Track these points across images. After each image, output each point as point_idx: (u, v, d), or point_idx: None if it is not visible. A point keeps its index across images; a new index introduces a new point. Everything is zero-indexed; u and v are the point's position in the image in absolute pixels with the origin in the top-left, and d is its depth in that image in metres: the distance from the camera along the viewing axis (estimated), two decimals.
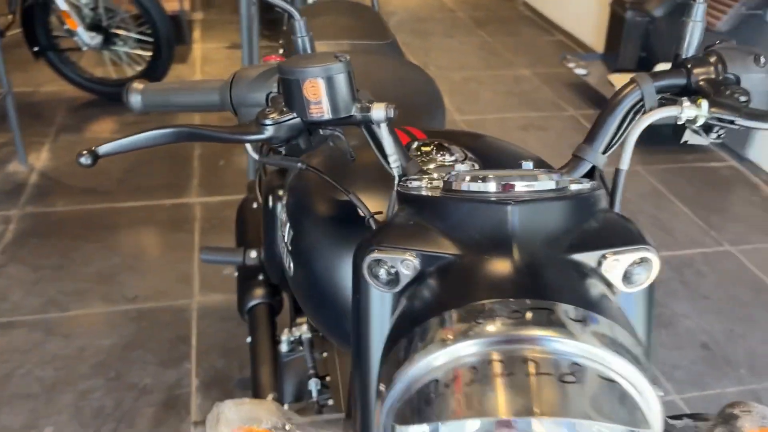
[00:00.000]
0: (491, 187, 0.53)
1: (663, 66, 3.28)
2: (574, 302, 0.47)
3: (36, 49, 3.35)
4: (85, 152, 0.71)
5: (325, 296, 0.76)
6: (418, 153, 0.82)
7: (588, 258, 0.55)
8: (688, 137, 0.68)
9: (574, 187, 0.57)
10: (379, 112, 0.65)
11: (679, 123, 0.64)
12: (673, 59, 0.70)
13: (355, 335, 0.62)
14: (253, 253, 1.71)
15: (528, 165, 0.63)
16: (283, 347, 1.27)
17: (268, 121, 0.66)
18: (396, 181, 0.68)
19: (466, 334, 0.45)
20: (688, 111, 0.63)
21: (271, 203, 1.31)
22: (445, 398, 0.43)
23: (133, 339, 2.05)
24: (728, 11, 3.01)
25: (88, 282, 2.26)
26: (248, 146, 0.76)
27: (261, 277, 1.75)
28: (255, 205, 2.00)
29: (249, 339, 1.66)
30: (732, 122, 0.63)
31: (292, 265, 0.82)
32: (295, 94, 0.65)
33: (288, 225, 0.83)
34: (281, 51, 1.55)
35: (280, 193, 0.95)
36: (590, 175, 0.67)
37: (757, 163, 3.15)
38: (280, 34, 1.67)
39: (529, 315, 0.45)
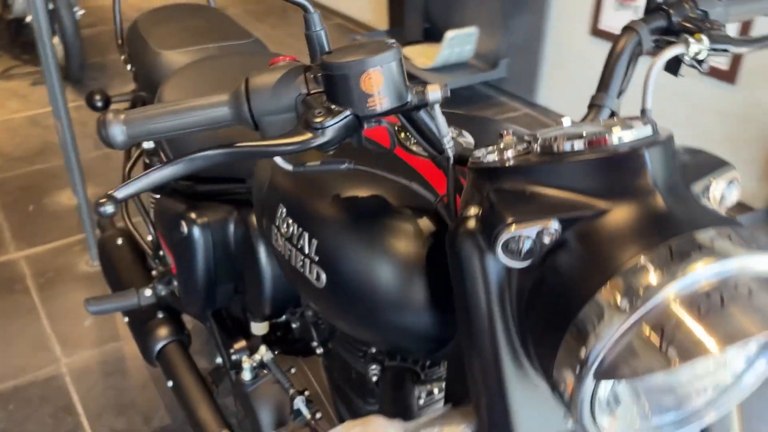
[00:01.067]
0: (613, 138, 0.55)
1: (453, 32, 3.51)
2: (729, 224, 0.51)
3: None
4: (103, 200, 0.60)
5: (373, 293, 0.73)
6: (399, 135, 0.80)
7: (698, 186, 0.60)
8: (683, 71, 0.76)
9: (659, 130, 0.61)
10: (435, 93, 0.63)
11: (686, 57, 0.72)
12: (647, 5, 0.77)
13: (472, 319, 0.61)
14: (148, 292, 1.55)
15: (566, 121, 0.66)
16: (246, 375, 1.17)
17: (328, 123, 0.60)
18: (451, 162, 0.67)
19: (672, 273, 0.47)
20: (693, 46, 0.70)
21: (203, 233, 1.21)
22: (689, 333, 0.45)
23: (5, 428, 1.75)
24: None
25: None
26: (279, 158, 0.69)
27: (161, 315, 1.60)
28: (120, 242, 1.81)
29: (170, 383, 1.51)
30: (726, 51, 0.72)
31: (322, 274, 0.76)
32: (349, 89, 0.61)
33: (305, 236, 0.78)
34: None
35: (265, 209, 0.87)
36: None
37: (546, 107, 3.53)
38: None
39: (722, 243, 0.48)
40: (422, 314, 0.74)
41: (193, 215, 1.24)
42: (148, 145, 1.48)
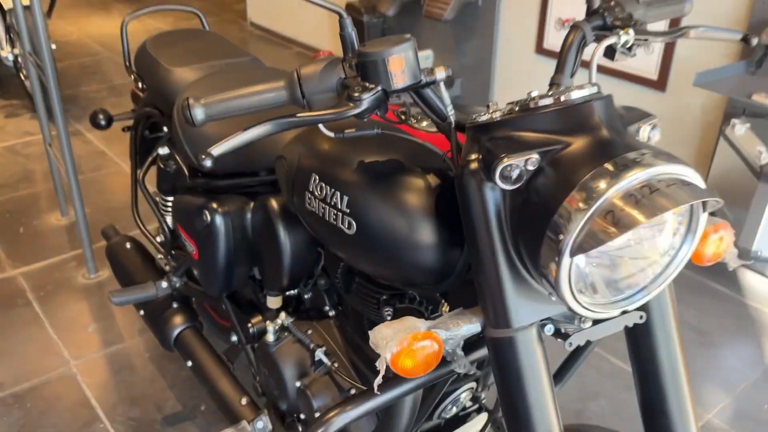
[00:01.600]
0: (571, 96, 0.79)
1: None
2: (651, 149, 0.75)
3: None
4: (204, 156, 0.81)
5: (395, 234, 0.94)
6: (403, 115, 1.03)
7: (632, 128, 0.83)
8: (618, 57, 1.01)
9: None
10: (441, 73, 0.86)
11: (618, 46, 0.97)
12: (587, 9, 1.02)
13: (477, 236, 0.83)
14: (164, 284, 1.74)
15: (534, 92, 0.89)
16: (270, 338, 1.36)
17: (364, 96, 0.83)
18: (453, 125, 0.90)
19: (614, 180, 0.70)
20: (623, 37, 0.95)
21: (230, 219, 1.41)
22: (627, 213, 0.68)
23: (26, 423, 1.88)
24: (450, 3, 3.60)
25: None
26: (323, 126, 0.91)
27: (175, 305, 1.77)
28: (128, 246, 1.98)
29: (189, 363, 1.69)
30: (646, 40, 0.97)
31: (353, 223, 0.97)
32: (378, 71, 0.83)
33: (337, 194, 0.99)
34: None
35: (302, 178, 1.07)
36: None
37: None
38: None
39: (646, 158, 0.72)
40: (432, 250, 0.96)
41: (214, 205, 1.44)
42: (163, 150, 1.67)
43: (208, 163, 0.80)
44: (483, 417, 1.37)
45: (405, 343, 0.83)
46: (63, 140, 2.32)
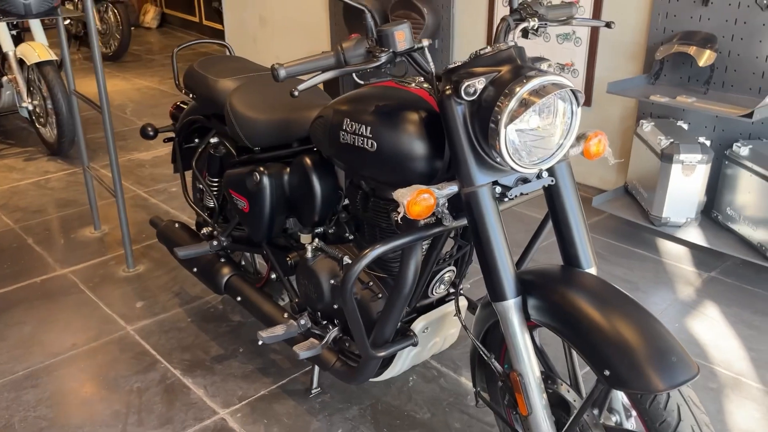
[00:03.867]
0: (500, 47, 1.39)
1: None
2: (546, 71, 1.36)
3: None
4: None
5: (401, 148, 1.52)
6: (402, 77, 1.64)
7: (537, 63, 1.45)
8: (531, 37, 1.63)
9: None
10: (426, 42, 1.47)
11: (530, 30, 1.59)
12: (510, 7, 1.65)
13: (453, 133, 1.41)
14: (215, 242, 2.28)
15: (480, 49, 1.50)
16: (309, 254, 1.91)
17: (383, 55, 1.42)
18: (434, 74, 1.50)
19: (528, 82, 1.31)
20: (532, 23, 1.58)
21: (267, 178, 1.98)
22: (532, 99, 1.28)
23: (100, 369, 2.36)
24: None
25: (17, 349, 2.45)
26: (355, 75, 1.51)
27: (222, 260, 2.31)
28: (176, 225, 2.53)
29: (238, 299, 2.22)
30: (546, 25, 1.60)
31: (374, 143, 1.56)
32: (390, 39, 1.43)
33: (362, 127, 1.57)
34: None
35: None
36: None
37: None
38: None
39: (541, 74, 1.32)
40: (425, 156, 1.53)
41: (262, 168, 2.01)
42: (213, 140, 2.24)
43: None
44: (460, 301, 1.92)
45: (414, 194, 1.40)
46: (113, 164, 2.85)
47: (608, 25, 1.70)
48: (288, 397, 2.20)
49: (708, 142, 3.05)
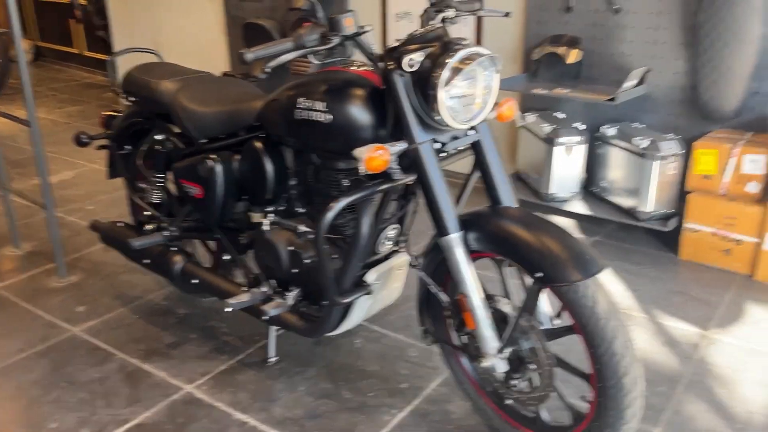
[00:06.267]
0: (430, 27, 1.71)
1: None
2: (470, 44, 1.69)
3: None
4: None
5: (351, 118, 1.79)
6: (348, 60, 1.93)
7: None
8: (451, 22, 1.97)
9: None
10: (368, 27, 1.76)
11: (447, 18, 1.93)
12: (429, 1, 1.98)
13: (397, 101, 1.71)
14: (166, 232, 2.44)
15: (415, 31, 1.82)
16: (265, 227, 2.13)
17: (334, 38, 1.70)
18: (375, 55, 1.80)
19: (457, 54, 1.62)
20: (449, 13, 1.92)
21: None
22: (460, 66, 1.60)
23: (55, 366, 2.42)
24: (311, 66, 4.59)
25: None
26: (313, 58, 1.77)
27: (173, 249, 2.48)
28: (120, 224, 2.65)
29: (195, 281, 2.39)
30: (458, 15, 1.95)
31: (329, 115, 1.82)
32: (340, 24, 1.71)
33: (317, 102, 1.83)
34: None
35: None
36: None
37: None
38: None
39: (466, 46, 1.65)
40: (372, 127, 1.82)
41: (214, 156, 2.22)
42: (158, 137, 2.42)
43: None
44: (403, 256, 2.21)
45: (372, 149, 1.68)
46: (43, 173, 2.92)
47: (507, 14, 2.09)
48: (248, 368, 2.38)
49: (583, 127, 3.56)
